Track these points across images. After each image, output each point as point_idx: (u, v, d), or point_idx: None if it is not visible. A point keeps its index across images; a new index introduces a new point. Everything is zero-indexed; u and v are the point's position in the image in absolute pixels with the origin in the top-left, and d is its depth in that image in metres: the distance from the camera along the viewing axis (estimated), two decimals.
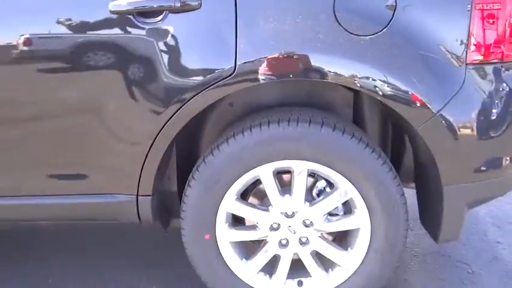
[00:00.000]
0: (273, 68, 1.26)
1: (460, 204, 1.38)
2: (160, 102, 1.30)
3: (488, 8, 1.24)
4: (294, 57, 1.25)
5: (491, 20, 1.25)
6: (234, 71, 1.25)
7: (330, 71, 1.25)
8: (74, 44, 1.29)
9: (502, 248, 1.97)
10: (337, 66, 1.24)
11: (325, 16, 1.22)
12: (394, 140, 1.62)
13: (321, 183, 1.44)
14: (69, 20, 1.27)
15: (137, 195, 1.42)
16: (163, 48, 1.27)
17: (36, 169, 1.42)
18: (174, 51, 1.27)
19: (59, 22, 1.27)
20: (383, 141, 1.61)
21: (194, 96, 1.28)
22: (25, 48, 1.29)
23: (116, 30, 1.27)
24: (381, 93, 1.26)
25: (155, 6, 1.24)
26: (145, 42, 1.26)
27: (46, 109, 1.35)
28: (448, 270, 1.82)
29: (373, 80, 1.24)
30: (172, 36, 1.26)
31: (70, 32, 1.29)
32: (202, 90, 1.27)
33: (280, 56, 1.24)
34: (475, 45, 1.26)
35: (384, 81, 1.24)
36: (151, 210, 1.44)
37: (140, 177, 1.39)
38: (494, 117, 1.30)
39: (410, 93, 1.25)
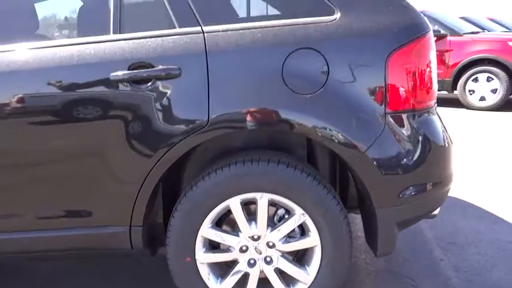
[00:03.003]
0: (237, 121, 1.62)
1: (390, 224, 1.72)
2: (150, 149, 1.64)
3: (401, 67, 1.64)
4: (252, 112, 1.61)
5: (403, 77, 1.64)
6: (207, 123, 1.60)
7: (280, 122, 1.61)
8: (83, 102, 1.63)
9: (444, 264, 2.30)
10: (285, 118, 1.61)
11: (275, 80, 1.60)
12: (341, 173, 1.98)
13: (281, 211, 1.77)
14: (78, 84, 1.64)
15: (130, 226, 1.72)
16: (153, 107, 1.62)
17: (48, 207, 1.71)
18: (160, 109, 1.62)
19: (68, 85, 1.63)
20: (332, 174, 1.97)
21: (177, 143, 1.62)
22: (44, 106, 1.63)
23: (115, 93, 1.62)
24: (322, 138, 1.62)
25: (145, 75, 1.60)
26: (138, 102, 1.62)
27: (60, 157, 1.67)
28: (397, 284, 2.13)
29: (314, 128, 1.61)
30: (159, 97, 1.62)
31: (80, 93, 1.64)
32: (183, 139, 1.62)
33: (243, 111, 1.61)
34: (391, 97, 1.64)
35: (322, 129, 1.61)
36: (142, 238, 1.74)
37: (133, 210, 1.70)
38: (409, 154, 1.67)
39: (343, 137, 1.61)
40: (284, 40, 1.62)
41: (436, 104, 1.84)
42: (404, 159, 1.67)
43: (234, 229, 1.77)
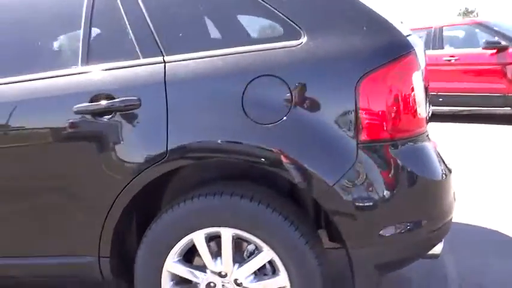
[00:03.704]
0: (195, 152, 1.56)
1: (367, 266, 1.54)
2: (113, 180, 1.62)
3: (375, 92, 1.48)
4: (211, 143, 1.54)
5: (378, 104, 1.49)
6: (166, 155, 1.56)
7: (239, 154, 1.52)
8: (50, 135, 1.67)
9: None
10: (244, 150, 1.52)
11: (235, 109, 1.51)
12: None
13: (251, 246, 1.66)
14: (44, 117, 1.68)
15: (99, 256, 1.71)
16: (114, 138, 1.61)
17: (24, 237, 1.76)
18: (122, 141, 1.61)
19: (34, 118, 1.68)
20: (317, 209, 1.82)
21: (138, 175, 1.59)
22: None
23: (79, 126, 1.64)
24: (284, 171, 1.50)
25: (105, 107, 1.59)
26: (100, 134, 1.61)
27: (30, 186, 1.72)
28: None
29: (275, 160, 1.50)
30: (120, 129, 1.60)
31: (46, 125, 1.68)
32: (143, 170, 1.58)
33: (200, 143, 1.54)
34: (363, 127, 1.48)
35: (284, 161, 1.49)
36: (111, 270, 1.72)
37: (100, 241, 1.69)
38: (386, 188, 1.50)
39: (307, 170, 1.48)
40: (244, 67, 1.54)
41: (427, 132, 1.65)
42: (381, 195, 1.49)
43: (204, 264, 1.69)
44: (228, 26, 1.67)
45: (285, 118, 1.49)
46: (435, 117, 7.20)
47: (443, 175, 1.62)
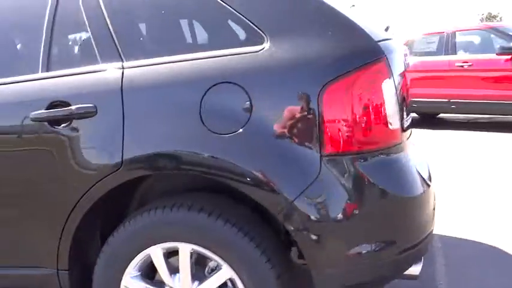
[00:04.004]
0: (151, 163, 1.48)
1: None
2: (68, 191, 1.55)
3: (340, 102, 1.38)
4: (167, 154, 1.46)
5: (344, 114, 1.38)
6: (121, 165, 1.48)
7: (194, 165, 1.44)
8: (7, 142, 1.62)
9: None
10: (199, 161, 1.43)
11: (192, 118, 1.43)
12: None
13: (213, 263, 1.57)
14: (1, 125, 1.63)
15: (57, 269, 1.65)
16: (71, 146, 1.54)
17: None
18: (78, 150, 1.54)
19: None
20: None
21: (93, 186, 1.52)
22: None
23: (36, 133, 1.58)
24: (241, 184, 1.41)
25: (61, 115, 1.53)
26: (57, 142, 1.55)
27: None
28: None
29: (231, 172, 1.41)
30: (77, 137, 1.54)
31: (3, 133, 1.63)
32: (99, 181, 1.51)
33: (155, 153, 1.46)
34: (327, 138, 1.38)
35: (241, 174, 1.40)
36: (70, 283, 1.65)
37: (58, 253, 1.62)
38: (353, 205, 1.39)
39: (266, 184, 1.38)
40: (202, 74, 1.45)
41: (402, 142, 1.53)
42: (346, 212, 1.39)
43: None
44: (189, 30, 1.59)
45: (243, 128, 1.40)
46: (447, 124, 7.08)
47: (419, 190, 1.51)
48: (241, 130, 1.41)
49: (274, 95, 1.41)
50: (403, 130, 1.57)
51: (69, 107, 1.53)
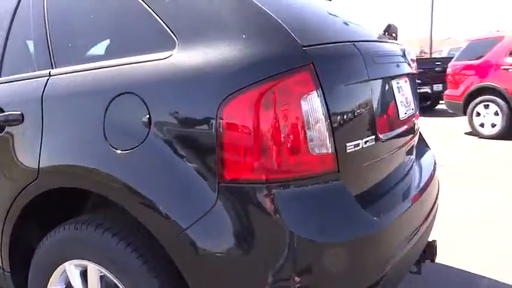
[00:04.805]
0: (60, 175, 1.41)
1: None
2: (3, 196, 1.57)
3: (244, 120, 1.14)
4: (73, 168, 1.37)
5: (247, 135, 1.15)
6: (37, 176, 1.44)
7: (92, 183, 1.33)
8: None
9: None
10: (95, 180, 1.32)
11: (96, 131, 1.32)
12: None
13: None
14: None
15: (3, 270, 1.68)
16: (3, 151, 1.54)
17: None
18: (9, 154, 1.53)
19: None
20: None
21: (17, 196, 1.51)
22: None
23: None
24: (132, 208, 1.27)
25: None
26: None
27: None
28: None
29: (124, 194, 1.27)
30: (5, 146, 1.54)
31: None
32: (21, 191, 1.49)
33: (64, 166, 1.39)
34: (227, 163, 1.16)
35: (134, 197, 1.24)
36: (14, 284, 1.67)
37: (1, 255, 1.65)
38: (245, 239, 1.15)
39: (157, 211, 1.21)
40: (108, 83, 1.33)
41: (332, 173, 1.22)
42: (240, 250, 1.15)
43: None
44: (109, 36, 1.47)
45: (142, 145, 1.25)
46: None
47: (357, 231, 1.20)
48: (139, 147, 1.26)
49: (173, 109, 1.23)
50: (336, 159, 1.23)
51: (2, 113, 1.54)
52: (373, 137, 1.37)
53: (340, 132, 1.23)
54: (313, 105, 1.18)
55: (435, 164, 2.00)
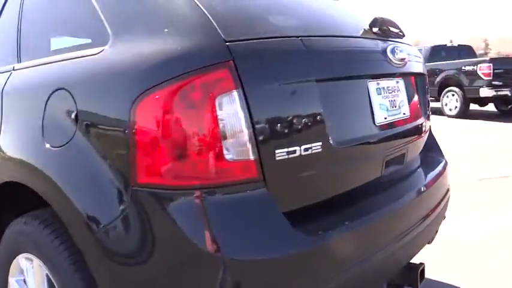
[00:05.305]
0: (8, 170, 1.43)
1: None
2: None
3: (158, 120, 1.06)
4: (17, 162, 1.38)
5: (155, 137, 1.06)
6: None
7: (28, 179, 1.32)
8: None
9: None
10: (36, 174, 1.29)
11: (36, 126, 1.31)
12: None
13: None
14: None
15: None
16: None
17: None
18: None
19: None
20: None
21: None
22: None
23: None
24: (57, 208, 1.24)
25: None
26: None
27: None
28: None
29: (48, 193, 1.25)
30: None
31: None
32: None
33: (13, 161, 1.40)
34: (140, 166, 1.09)
35: (57, 196, 1.22)
36: None
37: None
38: (149, 246, 1.07)
39: (74, 208, 1.17)
40: (48, 79, 1.32)
41: (253, 182, 1.09)
42: (147, 257, 1.08)
43: None
44: (57, 31, 1.46)
45: (69, 143, 1.22)
46: None
47: (280, 249, 1.07)
48: (67, 145, 1.23)
49: (95, 108, 1.18)
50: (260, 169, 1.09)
51: None
52: (319, 143, 1.20)
53: (267, 137, 1.10)
54: (231, 106, 1.06)
55: (442, 178, 1.74)
